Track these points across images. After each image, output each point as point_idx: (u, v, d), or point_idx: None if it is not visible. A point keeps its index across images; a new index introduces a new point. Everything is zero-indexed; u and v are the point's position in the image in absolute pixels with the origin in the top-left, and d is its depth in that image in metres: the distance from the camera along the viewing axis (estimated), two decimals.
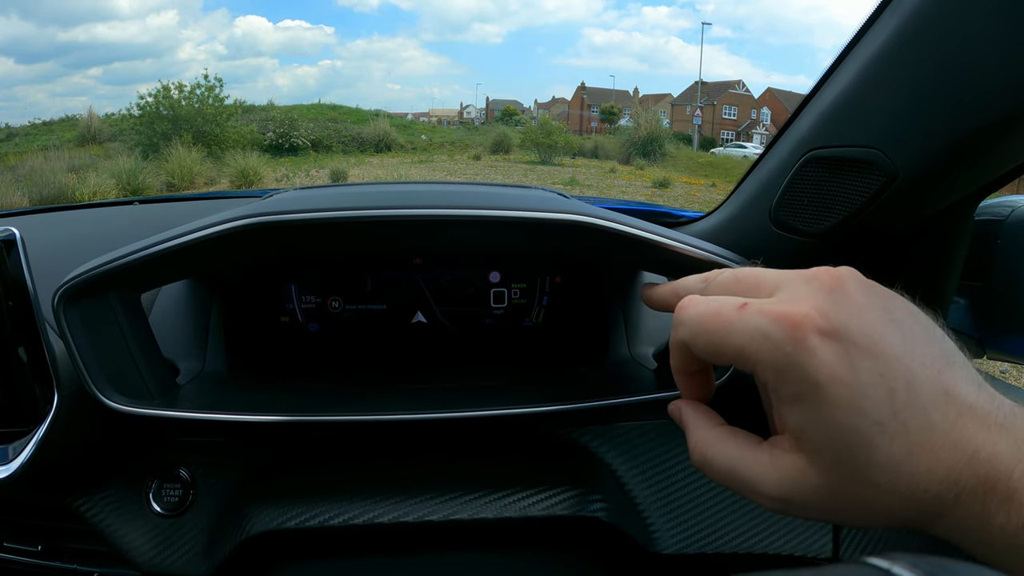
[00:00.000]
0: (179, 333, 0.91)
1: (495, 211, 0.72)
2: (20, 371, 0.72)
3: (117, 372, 0.74)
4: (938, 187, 0.76)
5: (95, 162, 17.31)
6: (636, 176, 19.06)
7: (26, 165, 17.11)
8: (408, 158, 23.02)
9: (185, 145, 17.53)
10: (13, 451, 0.72)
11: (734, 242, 0.96)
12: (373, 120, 27.14)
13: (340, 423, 0.77)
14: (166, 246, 0.69)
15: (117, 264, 0.69)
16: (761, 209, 0.93)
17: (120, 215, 1.31)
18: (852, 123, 0.80)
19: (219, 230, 0.70)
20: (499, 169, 19.70)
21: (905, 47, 0.71)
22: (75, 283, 0.69)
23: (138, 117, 20.81)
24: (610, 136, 29.80)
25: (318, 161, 20.83)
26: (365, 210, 0.70)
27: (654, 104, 42.96)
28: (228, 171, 16.38)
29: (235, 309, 0.96)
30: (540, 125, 25.66)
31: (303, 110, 27.58)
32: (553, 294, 1.04)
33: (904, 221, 0.82)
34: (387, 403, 0.80)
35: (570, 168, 20.66)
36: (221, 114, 20.75)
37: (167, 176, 15.94)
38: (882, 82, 0.75)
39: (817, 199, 0.86)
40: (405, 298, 1.03)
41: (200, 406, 0.77)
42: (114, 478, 0.87)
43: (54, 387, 0.72)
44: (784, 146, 0.88)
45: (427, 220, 0.71)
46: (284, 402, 0.81)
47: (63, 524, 0.80)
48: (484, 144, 25.64)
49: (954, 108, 0.68)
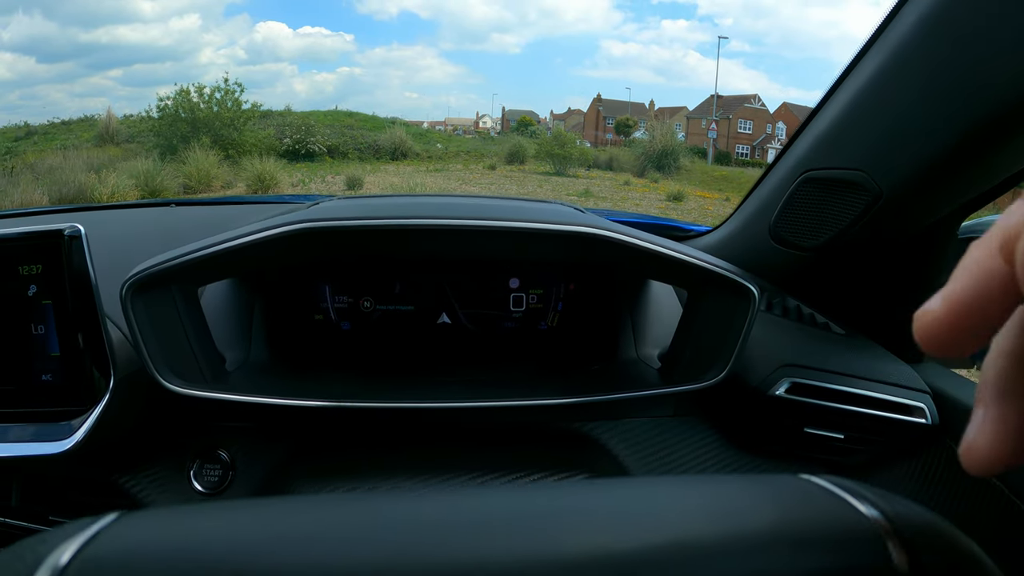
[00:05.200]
0: (225, 326, 0.97)
1: (520, 223, 0.81)
2: (80, 356, 0.77)
3: (175, 358, 0.81)
4: (919, 206, 0.84)
5: (113, 162, 17.39)
6: (650, 189, 19.04)
7: (45, 163, 17.21)
8: (423, 166, 23.04)
9: (203, 148, 17.63)
10: (72, 428, 0.77)
11: (737, 255, 1.07)
12: (389, 128, 27.21)
13: (376, 409, 0.84)
14: (231, 244, 0.78)
15: (184, 260, 0.77)
16: (761, 225, 1.03)
17: (164, 216, 1.36)
18: (843, 147, 0.89)
19: (283, 231, 0.78)
20: (514, 179, 19.74)
21: (889, 80, 0.79)
22: (143, 276, 0.76)
23: (157, 119, 20.92)
24: (625, 148, 29.70)
25: (334, 167, 20.94)
26: (409, 219, 0.79)
27: (669, 117, 42.83)
28: (245, 175, 16.48)
29: (274, 306, 1.03)
30: (555, 136, 25.65)
31: (320, 116, 27.62)
32: (567, 300, 1.10)
33: (890, 237, 0.90)
34: (417, 393, 0.87)
35: (584, 180, 20.68)
36: (239, 118, 20.85)
37: (184, 178, 16.05)
38: (869, 110, 0.83)
39: (812, 216, 0.94)
40: (431, 300, 1.08)
41: (249, 390, 0.83)
42: (158, 458, 0.93)
43: (111, 371, 0.78)
44: (783, 167, 0.97)
45: (462, 229, 0.80)
46: (323, 390, 0.86)
47: (108, 499, 0.83)
48: (499, 154, 25.63)
49: (932, 135, 0.76)
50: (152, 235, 1.21)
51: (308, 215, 0.81)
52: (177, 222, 1.32)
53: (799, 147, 0.96)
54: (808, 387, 0.92)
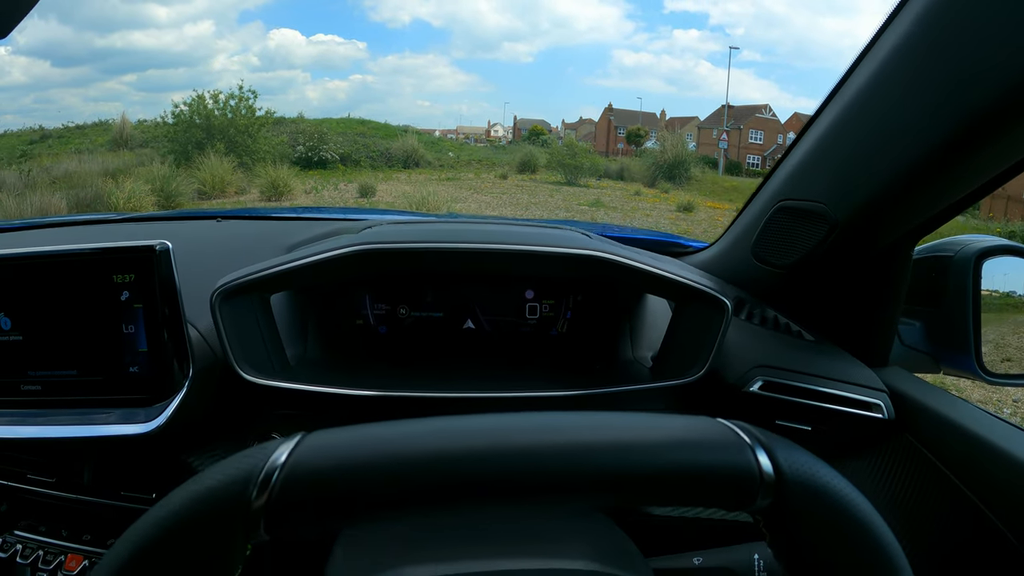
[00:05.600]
0: (287, 329, 1.10)
1: (539, 247, 0.99)
2: (165, 351, 0.91)
3: (251, 353, 0.97)
4: (870, 234, 0.99)
5: (128, 167, 17.49)
6: (661, 199, 19.02)
7: (61, 167, 17.35)
8: (435, 175, 23.11)
9: (217, 155, 17.73)
10: (156, 412, 0.91)
11: (725, 270, 1.26)
12: (401, 136, 27.31)
13: (409, 398, 0.99)
14: (307, 261, 0.95)
15: (265, 273, 0.94)
16: (745, 245, 1.19)
17: (217, 230, 1.50)
18: (808, 181, 1.05)
19: (349, 251, 0.96)
20: (525, 189, 19.72)
21: (847, 121, 0.94)
22: (230, 285, 0.92)
23: (172, 125, 20.99)
24: (636, 158, 29.73)
25: (346, 175, 21.01)
26: (449, 243, 0.99)
27: (680, 127, 42.83)
28: (259, 182, 16.59)
29: (325, 312, 1.18)
30: (566, 146, 25.59)
31: (332, 124, 27.76)
32: (576, 309, 1.24)
33: (849, 259, 1.05)
34: (443, 386, 1.02)
35: (595, 190, 20.69)
36: (253, 125, 20.93)
37: (199, 184, 16.19)
38: (829, 148, 0.99)
39: (784, 240, 1.11)
40: (458, 308, 1.23)
41: (308, 381, 0.99)
42: (221, 440, 1.07)
43: (189, 365, 0.92)
44: (763, 195, 1.14)
45: (491, 252, 0.99)
46: (365, 382, 1.01)
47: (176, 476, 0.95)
48: (511, 163, 25.66)
49: (877, 173, 0.91)
50: (214, 247, 1.36)
51: (364, 238, 0.99)
52: (232, 236, 1.47)
53: (776, 178, 1.12)
54: (779, 385, 1.05)
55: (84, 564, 1.04)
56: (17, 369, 0.93)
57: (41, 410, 0.94)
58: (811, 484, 0.46)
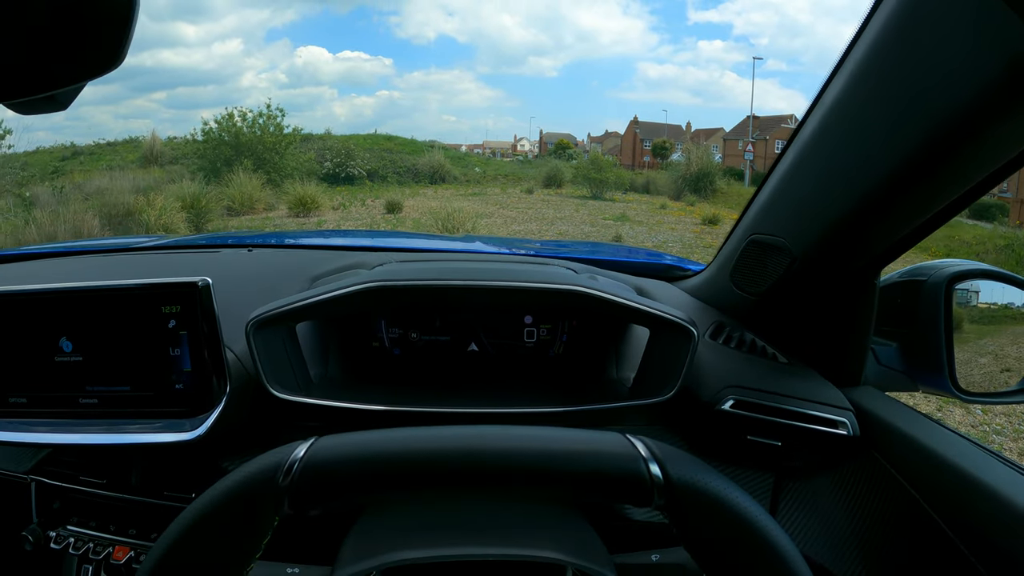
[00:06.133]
0: (311, 351, 1.24)
1: (523, 283, 1.14)
2: (206, 371, 1.05)
3: (280, 373, 1.11)
4: (830, 265, 1.10)
5: (158, 184, 17.71)
6: (686, 212, 19.02)
7: (93, 184, 17.52)
8: (461, 190, 23.29)
9: (246, 172, 17.99)
10: (199, 423, 1.05)
11: (710, 295, 1.39)
12: (428, 151, 27.54)
13: (419, 413, 1.12)
14: (327, 296, 1.10)
15: (292, 307, 1.09)
16: (725, 273, 1.30)
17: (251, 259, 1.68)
18: (772, 217, 1.16)
19: (362, 288, 1.10)
20: (551, 204, 19.80)
21: (803, 163, 1.05)
22: (263, 317, 1.07)
23: (201, 142, 21.31)
24: (662, 171, 29.63)
25: (374, 191, 21.21)
26: (448, 280, 1.14)
27: (706, 139, 42.52)
28: (287, 198, 16.83)
29: (345, 336, 1.31)
30: (592, 160, 25.64)
31: (359, 140, 27.97)
32: (571, 332, 1.35)
33: (815, 287, 1.16)
34: (450, 402, 1.15)
35: (621, 204, 20.74)
36: (281, 142, 21.17)
37: (228, 201, 16.42)
38: (788, 187, 1.10)
39: (755, 270, 1.22)
40: (464, 332, 1.35)
41: (329, 397, 1.13)
42: (253, 447, 1.17)
43: (227, 383, 1.05)
44: (740, 227, 1.25)
45: (482, 288, 1.13)
46: (380, 398, 1.14)
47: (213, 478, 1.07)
48: (536, 178, 25.78)
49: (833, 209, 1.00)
50: (248, 278, 1.51)
51: (375, 276, 1.14)
52: (263, 266, 1.62)
53: (749, 212, 1.23)
54: (749, 403, 1.13)
55: (131, 555, 1.18)
56: (77, 385, 1.08)
57: (98, 420, 1.08)
58: (695, 487, 0.62)
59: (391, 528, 0.77)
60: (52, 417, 1.09)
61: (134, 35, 0.58)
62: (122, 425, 1.07)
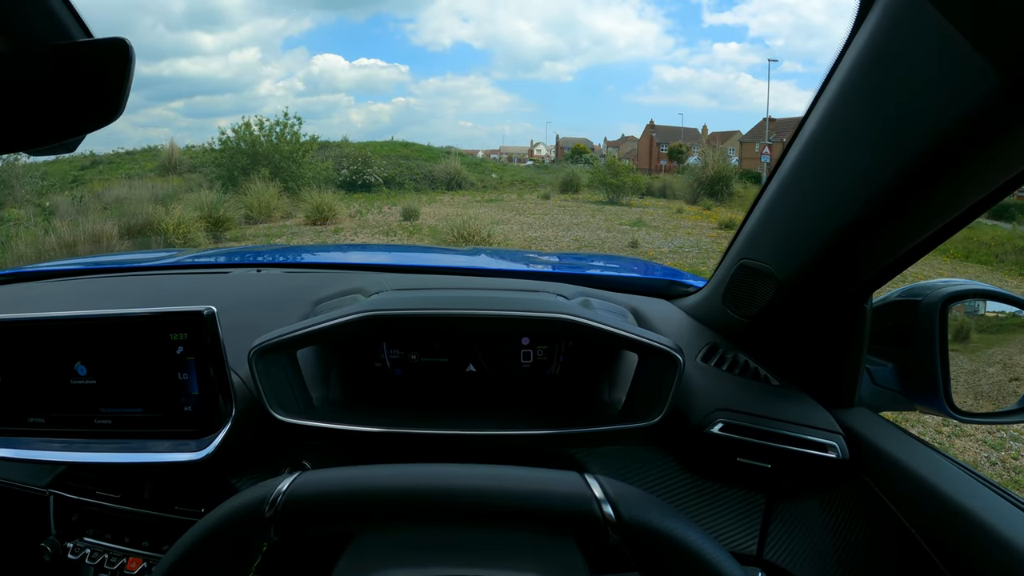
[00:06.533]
0: (313, 374, 1.28)
1: (510, 312, 1.19)
2: (213, 394, 1.10)
3: (281, 397, 1.16)
4: (815, 290, 1.11)
5: (177, 193, 17.88)
6: (702, 217, 18.90)
7: (112, 193, 17.80)
8: (478, 196, 23.32)
9: (263, 180, 18.11)
10: (206, 443, 1.10)
11: (706, 315, 1.42)
12: (444, 158, 27.50)
13: (418, 435, 1.16)
14: (323, 326, 1.16)
15: (291, 335, 1.15)
16: (717, 295, 1.33)
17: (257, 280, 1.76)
18: (760, 243, 1.18)
19: (356, 317, 1.17)
20: (568, 209, 19.77)
21: (785, 192, 1.08)
22: (264, 345, 1.13)
23: (219, 151, 21.43)
24: (678, 175, 29.47)
25: (391, 198, 21.29)
26: (437, 310, 1.19)
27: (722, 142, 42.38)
28: (304, 206, 16.91)
29: (346, 358, 1.35)
30: (608, 165, 25.65)
31: (376, 147, 28.02)
32: (568, 354, 1.38)
33: (804, 311, 1.17)
34: (449, 424, 1.19)
35: (638, 208, 20.65)
36: (298, 151, 21.22)
37: (246, 209, 16.55)
38: (773, 215, 1.13)
39: (745, 293, 1.24)
40: (462, 354, 1.38)
41: (329, 419, 1.18)
42: (259, 465, 1.25)
43: (232, 405, 1.11)
44: (732, 250, 1.26)
45: (470, 317, 1.19)
46: (381, 420, 1.18)
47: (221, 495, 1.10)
48: (553, 183, 25.70)
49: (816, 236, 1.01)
50: (255, 300, 1.57)
51: (370, 305, 1.20)
52: (268, 290, 1.68)
53: (740, 236, 1.24)
54: (737, 427, 1.15)
55: (143, 566, 1.23)
56: (91, 406, 1.13)
57: (111, 439, 1.14)
58: (647, 527, 0.67)
59: (384, 547, 0.80)
60: (68, 436, 1.16)
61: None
62: (134, 445, 1.13)
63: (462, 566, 0.77)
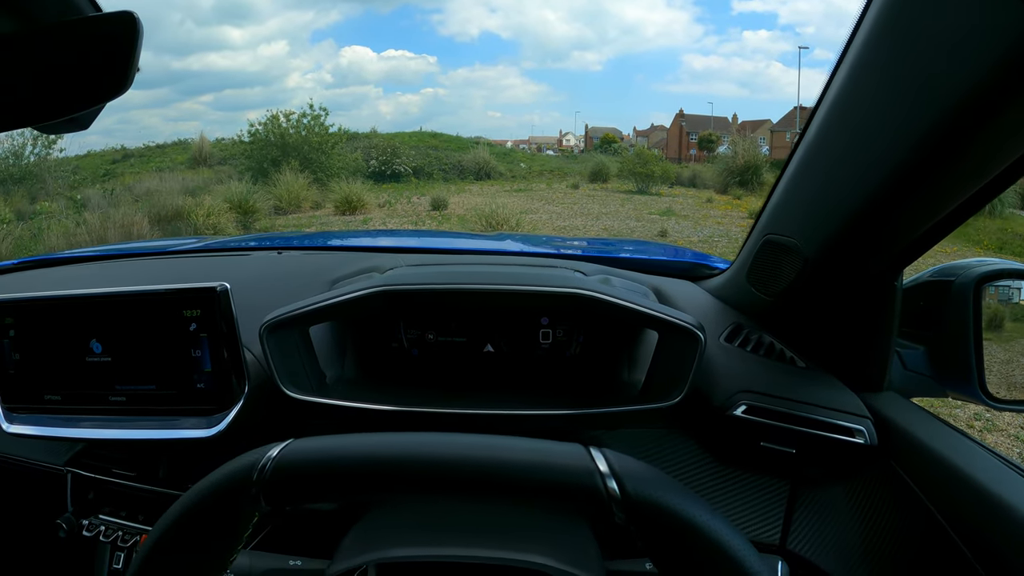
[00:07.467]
0: (327, 352, 1.27)
1: (526, 286, 1.15)
2: (226, 371, 1.10)
3: (293, 374, 1.14)
4: (843, 266, 1.06)
5: (207, 185, 18.10)
6: (732, 207, 18.59)
7: (143, 185, 18.07)
8: (507, 186, 23.28)
9: (292, 171, 18.20)
10: (219, 420, 1.11)
11: (730, 295, 1.36)
12: (473, 148, 27.53)
13: (435, 414, 1.13)
14: (334, 301, 1.13)
15: (303, 310, 1.12)
16: (742, 274, 1.28)
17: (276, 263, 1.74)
18: (785, 217, 1.14)
19: (368, 292, 1.14)
20: (596, 199, 19.68)
21: (811, 163, 1.03)
22: (275, 320, 1.11)
23: (248, 143, 21.67)
24: (708, 165, 29.24)
25: (419, 188, 21.31)
26: (452, 284, 1.18)
27: (753, 131, 41.98)
28: (333, 197, 17.03)
29: (362, 337, 1.34)
30: (637, 155, 25.40)
31: (405, 137, 28.09)
32: (588, 334, 1.34)
33: (831, 289, 1.12)
34: (466, 403, 1.16)
35: (667, 198, 20.45)
36: (326, 142, 21.37)
37: (275, 200, 16.65)
38: (799, 187, 1.08)
39: (770, 271, 1.19)
40: (480, 334, 1.35)
41: (342, 398, 1.15)
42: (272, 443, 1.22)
43: (245, 382, 1.11)
44: (757, 227, 1.22)
45: (487, 291, 1.16)
46: (397, 399, 1.16)
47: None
48: (582, 173, 25.59)
49: (842, 209, 0.98)
50: (272, 281, 1.56)
51: (384, 280, 1.17)
52: (287, 272, 1.66)
53: (765, 212, 1.20)
54: (761, 409, 1.11)
55: None
56: (106, 384, 1.14)
57: (125, 416, 1.14)
58: (654, 504, 0.60)
59: (390, 525, 0.79)
60: (84, 414, 1.17)
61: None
62: (147, 422, 1.14)
63: (468, 547, 0.76)
